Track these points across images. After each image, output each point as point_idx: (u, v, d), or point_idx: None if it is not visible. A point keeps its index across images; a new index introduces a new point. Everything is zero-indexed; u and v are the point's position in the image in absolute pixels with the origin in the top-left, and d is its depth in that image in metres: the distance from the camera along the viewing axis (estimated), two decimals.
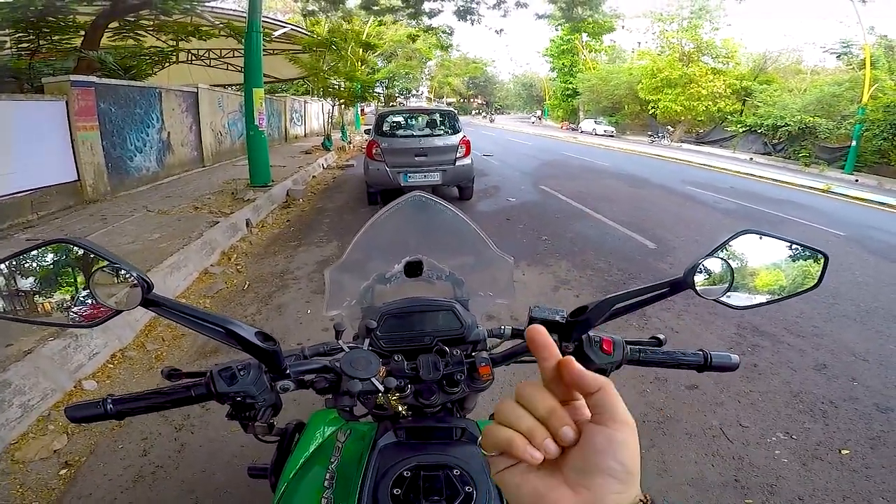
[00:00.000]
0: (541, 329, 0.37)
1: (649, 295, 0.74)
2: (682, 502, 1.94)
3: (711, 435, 2.36)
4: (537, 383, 0.37)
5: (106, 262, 0.62)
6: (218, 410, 2.58)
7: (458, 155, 7.14)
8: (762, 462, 2.18)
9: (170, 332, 3.26)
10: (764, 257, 0.75)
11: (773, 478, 2.09)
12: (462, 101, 65.07)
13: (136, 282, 0.62)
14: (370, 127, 8.69)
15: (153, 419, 2.36)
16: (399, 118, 8.48)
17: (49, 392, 2.43)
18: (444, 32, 21.96)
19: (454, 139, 7.30)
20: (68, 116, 5.99)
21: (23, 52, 7.89)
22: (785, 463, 2.18)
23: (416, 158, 7.08)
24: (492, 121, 47.63)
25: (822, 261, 0.75)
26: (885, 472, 2.14)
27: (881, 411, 2.58)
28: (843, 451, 2.27)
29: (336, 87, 15.93)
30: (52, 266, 0.65)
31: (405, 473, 0.66)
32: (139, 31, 9.14)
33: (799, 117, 19.57)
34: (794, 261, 0.76)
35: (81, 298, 0.65)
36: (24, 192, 5.34)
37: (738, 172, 14.47)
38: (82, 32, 8.14)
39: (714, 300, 0.74)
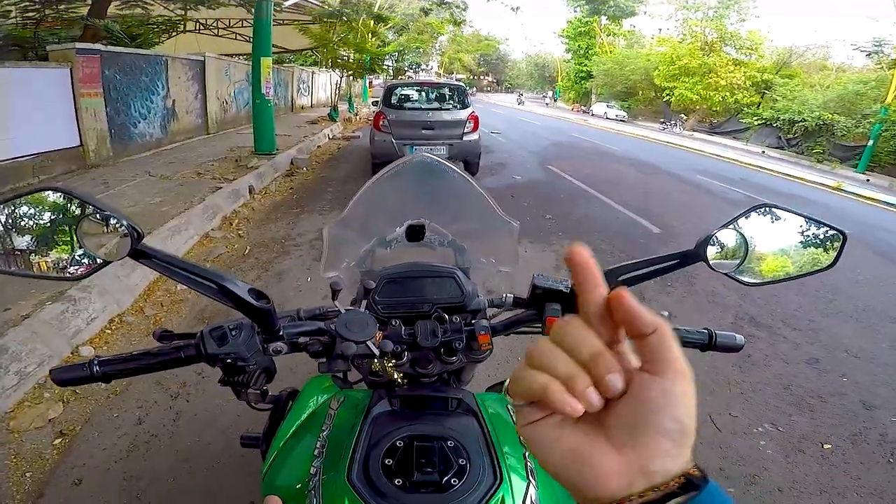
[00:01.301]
0: (583, 249, 0.31)
1: (659, 266, 0.72)
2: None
3: (700, 422, 2.37)
4: (578, 320, 0.31)
5: (93, 210, 0.60)
6: (214, 378, 2.56)
7: (466, 130, 7.05)
8: (747, 452, 2.19)
9: (168, 296, 3.27)
10: (779, 233, 0.72)
11: (755, 468, 2.10)
12: (473, 77, 64.04)
13: (125, 231, 0.59)
14: (377, 99, 8.58)
15: (149, 387, 2.35)
16: (408, 91, 8.35)
17: (46, 358, 2.36)
18: (457, 7, 21.48)
19: (462, 114, 7.20)
20: (72, 83, 5.94)
21: (28, 22, 7.78)
22: (769, 454, 2.20)
23: (422, 131, 6.99)
24: (521, 103, 39.99)
25: (840, 240, 0.73)
26: (862, 468, 2.16)
27: (866, 408, 2.59)
28: (826, 446, 2.28)
29: (345, 58, 15.69)
30: (37, 216, 0.62)
31: (398, 443, 0.64)
32: (147, 0, 8.99)
33: (818, 113, 19.20)
34: (809, 238, 0.73)
35: (68, 249, 0.62)
36: (26, 156, 5.33)
37: (749, 165, 14.29)
38: (89, 1, 7.99)
39: (725, 274, 0.71)
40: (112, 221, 0.60)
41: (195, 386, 2.39)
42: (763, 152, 19.59)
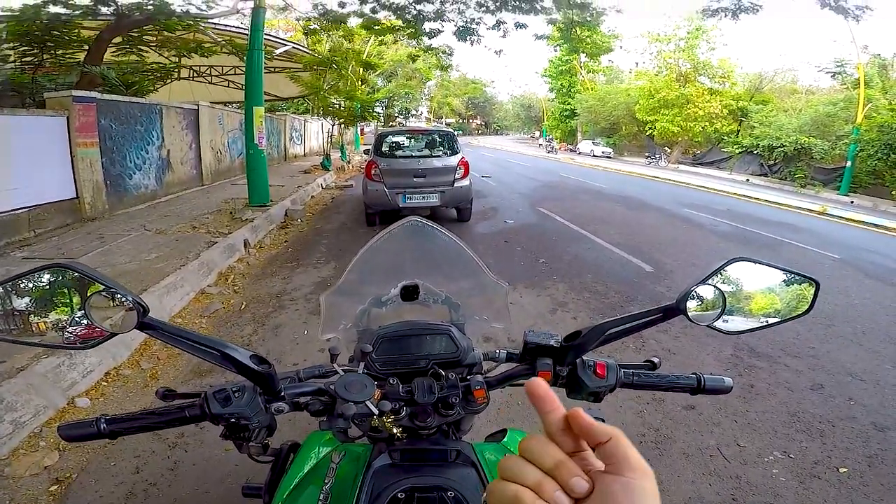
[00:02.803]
0: (541, 382, 0.36)
1: (643, 320, 0.75)
2: None
3: (709, 455, 2.35)
4: (541, 436, 0.36)
5: (102, 287, 0.63)
6: (212, 429, 2.52)
7: (457, 176, 7.18)
8: (760, 481, 2.17)
9: (165, 351, 3.25)
10: (756, 283, 0.76)
11: (770, 496, 2.08)
12: (461, 121, 65.83)
13: (131, 306, 0.63)
14: (369, 147, 8.76)
15: (147, 437, 2.35)
16: (398, 138, 8.54)
17: (41, 409, 2.42)
18: (443, 52, 22.28)
19: (453, 160, 7.35)
20: (69, 132, 5.98)
21: (26, 66, 7.96)
22: (783, 482, 2.17)
23: (414, 179, 7.11)
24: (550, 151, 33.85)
25: (814, 287, 0.76)
26: (882, 490, 2.13)
27: (879, 430, 2.58)
28: (842, 470, 2.26)
29: (336, 106, 16.11)
30: (48, 289, 0.67)
31: (399, 495, 0.65)
32: (142, 47, 9.24)
33: (794, 138, 19.67)
34: (785, 287, 0.77)
35: (77, 320, 0.66)
36: (22, 209, 5.32)
37: (734, 194, 14.57)
38: (86, 47, 8.21)
39: (706, 326, 0.75)
40: (119, 297, 0.64)
41: (193, 436, 2.37)
42: (747, 180, 20.03)
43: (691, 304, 0.73)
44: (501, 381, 0.82)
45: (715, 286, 0.73)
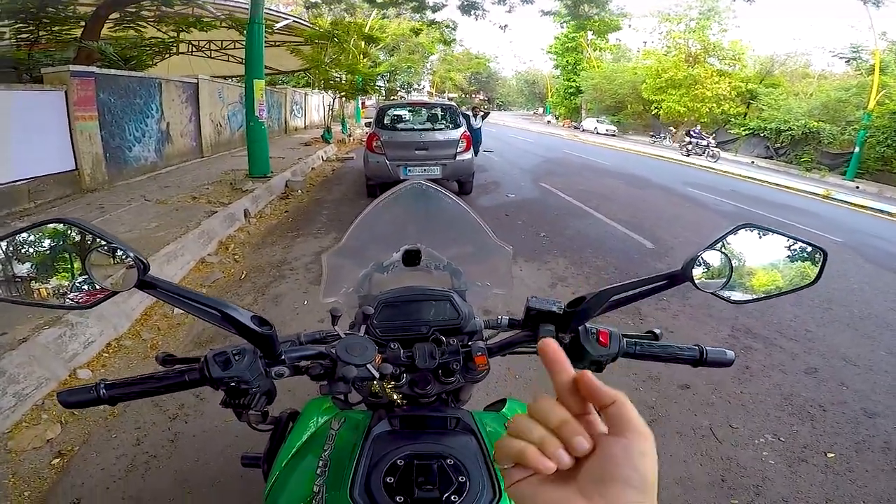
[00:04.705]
0: (552, 342, 0.37)
1: (647, 287, 0.73)
2: None
3: (701, 435, 2.38)
4: (550, 398, 0.37)
5: (102, 243, 0.62)
6: (212, 399, 2.59)
7: (459, 149, 7.13)
8: (749, 463, 2.19)
9: (165, 320, 3.26)
10: (762, 252, 0.74)
11: (759, 479, 2.10)
12: (464, 96, 64.91)
13: (132, 262, 0.62)
14: (371, 120, 8.69)
15: (147, 408, 2.36)
16: (400, 111, 8.45)
17: (43, 381, 2.40)
18: (447, 27, 21.86)
19: (455, 133, 7.28)
20: (67, 106, 5.96)
21: (22, 43, 7.86)
22: (772, 465, 2.20)
23: (416, 152, 7.05)
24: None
25: (822, 257, 0.74)
26: (868, 476, 2.15)
27: (868, 416, 2.60)
28: (829, 455, 2.28)
29: (337, 79, 15.88)
30: (47, 247, 0.65)
31: (398, 462, 0.65)
32: (140, 23, 9.10)
33: (803, 122, 19.43)
34: (792, 257, 0.75)
35: (77, 280, 0.64)
36: (21, 180, 5.32)
37: (739, 175, 14.47)
38: (82, 23, 8.11)
39: (712, 293, 0.73)
40: (119, 253, 0.62)
41: (193, 408, 2.39)
42: (752, 162, 19.84)
43: (697, 271, 0.71)
44: (503, 347, 0.81)
45: (722, 252, 0.72)
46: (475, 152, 8.77)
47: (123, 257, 0.62)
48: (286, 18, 12.80)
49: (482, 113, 11.46)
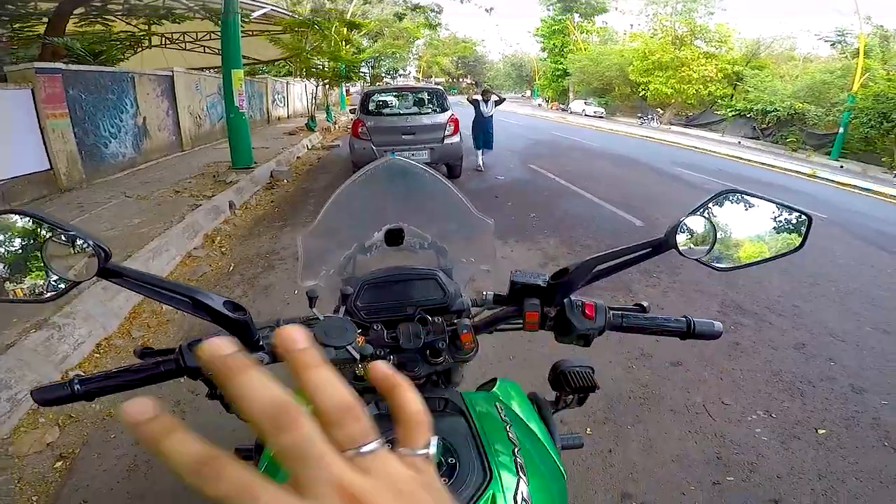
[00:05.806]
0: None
1: (631, 255, 0.72)
2: None
3: (694, 412, 2.39)
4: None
5: (59, 232, 0.59)
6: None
7: (447, 133, 7.05)
8: (743, 440, 2.21)
9: (155, 318, 3.20)
10: (747, 218, 0.73)
11: (753, 455, 2.12)
12: (451, 80, 64.31)
13: (92, 251, 0.59)
14: (355, 107, 8.56)
15: None
16: (385, 97, 8.32)
17: (36, 384, 2.36)
18: (432, 11, 21.56)
19: (442, 117, 7.20)
20: (35, 105, 5.77)
21: None
22: (765, 441, 2.21)
23: (402, 137, 6.96)
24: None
25: (806, 222, 0.73)
26: (858, 452, 2.17)
27: (856, 392, 2.62)
28: (820, 431, 2.30)
29: (319, 67, 15.60)
30: (3, 240, 0.62)
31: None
32: (107, 17, 8.82)
33: (789, 103, 19.66)
34: (777, 222, 0.74)
35: (35, 272, 0.61)
36: None
37: (726, 155, 14.55)
38: (45, 20, 7.82)
39: (696, 260, 0.72)
40: (79, 242, 0.59)
41: (189, 403, 2.36)
42: (739, 143, 19.98)
43: (681, 238, 0.69)
44: (489, 324, 0.79)
45: (705, 218, 0.70)
46: (489, 146, 8.61)
47: (84, 246, 0.59)
48: (263, 7, 12.48)
49: (495, 98, 8.73)
